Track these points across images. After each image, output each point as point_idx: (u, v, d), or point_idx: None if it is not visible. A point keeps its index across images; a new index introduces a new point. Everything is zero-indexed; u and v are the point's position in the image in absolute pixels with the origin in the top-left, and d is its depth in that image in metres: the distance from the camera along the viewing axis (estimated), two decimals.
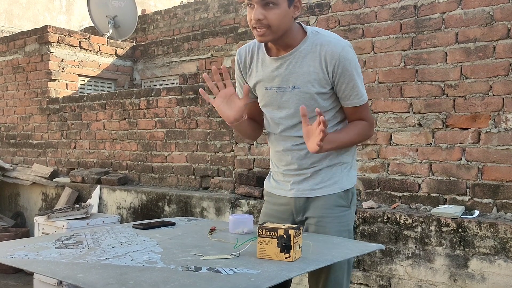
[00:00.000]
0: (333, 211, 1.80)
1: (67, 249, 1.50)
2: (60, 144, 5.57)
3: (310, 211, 1.82)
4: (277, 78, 1.76)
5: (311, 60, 1.69)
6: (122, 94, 5.01)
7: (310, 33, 1.72)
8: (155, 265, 1.32)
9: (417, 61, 3.11)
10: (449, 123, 3.00)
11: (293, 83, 1.73)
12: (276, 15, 1.61)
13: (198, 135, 4.36)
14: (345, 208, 1.82)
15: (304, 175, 1.81)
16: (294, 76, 1.72)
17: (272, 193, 1.94)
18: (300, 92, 1.73)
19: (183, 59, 5.99)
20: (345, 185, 1.83)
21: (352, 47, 1.74)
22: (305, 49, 1.70)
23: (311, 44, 1.70)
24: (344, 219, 1.81)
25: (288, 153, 1.83)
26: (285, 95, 1.76)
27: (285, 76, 1.74)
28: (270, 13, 1.61)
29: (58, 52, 5.69)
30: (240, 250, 1.47)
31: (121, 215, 4.53)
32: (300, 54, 1.71)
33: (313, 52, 1.69)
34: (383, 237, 3.00)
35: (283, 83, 1.75)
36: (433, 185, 3.05)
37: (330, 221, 1.79)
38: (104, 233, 1.77)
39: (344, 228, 1.81)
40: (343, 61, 1.66)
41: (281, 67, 1.74)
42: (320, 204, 1.80)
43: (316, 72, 1.69)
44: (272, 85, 1.78)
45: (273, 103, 1.81)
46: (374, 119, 1.86)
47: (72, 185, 5.06)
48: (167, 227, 1.92)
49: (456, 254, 2.77)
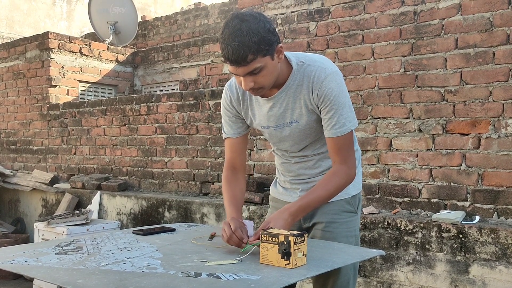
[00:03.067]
0: (340, 216, 1.80)
1: (67, 255, 1.50)
2: (61, 150, 5.57)
3: (317, 217, 1.82)
4: (272, 118, 1.76)
5: (301, 93, 1.68)
6: (122, 100, 5.01)
7: (295, 65, 1.68)
8: (155, 270, 1.31)
9: (417, 66, 3.11)
10: (449, 129, 3.00)
11: (290, 118, 1.73)
12: (266, 77, 1.57)
13: (198, 141, 4.36)
14: (352, 213, 1.83)
15: (313, 183, 1.82)
16: (289, 112, 1.72)
17: (278, 199, 1.94)
18: (299, 125, 1.73)
19: (183, 65, 6.00)
20: (352, 191, 1.84)
21: (339, 72, 1.68)
22: (293, 84, 1.69)
23: (298, 77, 1.68)
24: (351, 224, 1.82)
25: (297, 164, 1.85)
26: (284, 130, 1.77)
27: (280, 115, 1.74)
28: (259, 77, 1.56)
29: (59, 58, 5.71)
30: (243, 255, 1.46)
31: (121, 221, 4.52)
32: (290, 90, 1.70)
33: (301, 85, 1.68)
34: (384, 243, 3.00)
35: (279, 121, 1.75)
36: (433, 191, 3.04)
37: (338, 226, 1.79)
38: (104, 239, 1.77)
39: (351, 234, 1.81)
40: (324, 90, 1.63)
41: (275, 106, 1.73)
42: (328, 210, 1.80)
43: (308, 103, 1.69)
44: (269, 124, 1.78)
45: (274, 138, 1.83)
46: (354, 158, 1.72)
47: (72, 191, 5.06)
48: (167, 233, 1.91)
49: (457, 260, 2.76)
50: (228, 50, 1.49)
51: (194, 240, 1.74)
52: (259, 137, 3.85)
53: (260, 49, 1.50)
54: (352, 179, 1.74)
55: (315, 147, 1.80)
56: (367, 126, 3.28)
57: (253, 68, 1.53)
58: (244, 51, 1.48)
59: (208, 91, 4.33)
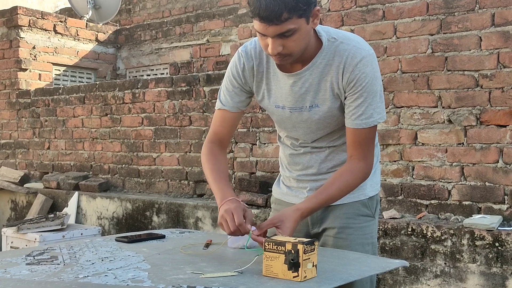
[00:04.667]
0: (355, 221, 1.79)
1: (40, 266, 1.50)
2: (32, 144, 5.58)
3: (328, 222, 1.81)
4: (290, 98, 1.74)
5: (329, 74, 1.67)
6: (103, 86, 5.01)
7: (326, 41, 1.67)
8: (141, 284, 1.31)
9: (447, 47, 3.10)
10: (484, 120, 2.99)
11: (311, 101, 1.72)
12: (297, 42, 1.56)
13: (191, 134, 4.36)
14: (369, 217, 1.82)
15: (322, 181, 1.80)
16: (312, 95, 1.71)
17: (282, 200, 1.93)
18: (320, 111, 1.72)
19: (174, 45, 5.99)
20: (369, 192, 1.83)
21: (375, 56, 1.69)
22: (321, 62, 1.68)
23: (327, 55, 1.67)
24: (367, 230, 1.81)
25: (307, 155, 1.83)
26: (301, 115, 1.75)
27: (300, 95, 1.72)
28: (290, 41, 1.55)
29: (30, 37, 5.70)
30: (243, 266, 1.46)
31: (103, 227, 4.53)
32: (317, 69, 1.68)
33: (330, 64, 1.67)
34: (407, 252, 3.00)
35: (298, 103, 1.73)
36: (465, 192, 3.04)
37: (352, 232, 1.78)
38: (82, 247, 1.77)
39: (368, 241, 1.80)
40: (357, 74, 1.63)
41: (296, 85, 1.71)
42: (341, 213, 1.80)
43: (335, 86, 1.68)
44: (285, 105, 1.76)
45: (286, 122, 1.81)
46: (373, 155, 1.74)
47: (45, 191, 5.07)
48: (155, 240, 1.92)
49: (493, 272, 2.76)
50: (261, 2, 1.47)
51: (185, 248, 1.74)
52: (263, 129, 3.85)
53: (297, 8, 1.49)
54: (367, 178, 1.75)
55: (331, 139, 1.79)
56: (388, 117, 3.28)
57: (286, 29, 1.51)
58: (280, 7, 1.46)
59: (203, 76, 4.33)
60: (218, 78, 4.19)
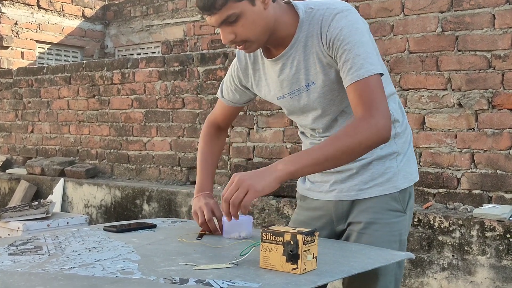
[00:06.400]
0: (384, 216, 1.74)
1: (23, 256, 1.51)
2: (14, 127, 5.57)
3: (354, 215, 1.78)
4: (285, 83, 1.74)
5: (312, 45, 1.67)
6: (90, 65, 4.99)
7: (304, 13, 1.67)
8: (131, 276, 1.32)
9: (458, 25, 3.09)
10: (497, 103, 2.99)
11: (305, 80, 1.71)
12: (247, 26, 1.58)
13: (184, 117, 4.36)
14: (399, 213, 1.76)
15: (349, 172, 1.77)
16: (303, 72, 1.70)
17: (306, 196, 1.91)
18: (317, 87, 1.71)
19: (166, 22, 5.96)
20: (401, 183, 1.76)
21: (353, 10, 1.66)
22: (302, 36, 1.68)
23: (307, 27, 1.67)
24: (396, 227, 1.76)
25: None
26: (302, 98, 1.74)
27: (292, 77, 1.72)
28: (238, 27, 1.58)
29: (11, 12, 5.66)
30: (238, 258, 1.47)
31: (90, 215, 4.54)
32: (299, 44, 1.69)
33: (311, 35, 1.67)
34: (413, 244, 3.02)
35: (294, 86, 1.73)
36: (475, 180, 3.05)
37: (379, 228, 1.74)
38: (68, 236, 1.78)
39: (395, 239, 1.75)
40: (332, 31, 1.61)
41: (285, 67, 1.72)
42: (368, 207, 1.76)
43: (321, 55, 1.67)
44: (284, 92, 1.76)
45: (294, 110, 1.81)
46: (386, 111, 1.58)
47: (29, 177, 5.07)
48: (146, 230, 1.92)
49: (503, 265, 2.78)
50: None
51: (180, 238, 1.75)
52: (260, 112, 3.85)
53: None
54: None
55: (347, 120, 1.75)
56: None
57: (226, 16, 1.55)
58: None
59: (197, 55, 4.31)
60: (213, 58, 4.18)
